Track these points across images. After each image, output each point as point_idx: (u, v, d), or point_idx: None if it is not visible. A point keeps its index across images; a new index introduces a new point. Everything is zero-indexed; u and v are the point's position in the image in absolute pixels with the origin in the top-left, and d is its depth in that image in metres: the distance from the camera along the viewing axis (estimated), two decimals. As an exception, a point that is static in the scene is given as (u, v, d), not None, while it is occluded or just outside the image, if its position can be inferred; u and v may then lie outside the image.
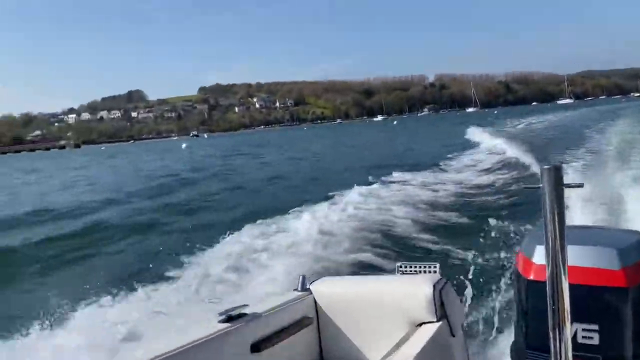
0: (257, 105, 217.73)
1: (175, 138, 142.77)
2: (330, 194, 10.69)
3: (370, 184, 11.76)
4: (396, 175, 12.94)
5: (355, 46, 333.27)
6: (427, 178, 12.43)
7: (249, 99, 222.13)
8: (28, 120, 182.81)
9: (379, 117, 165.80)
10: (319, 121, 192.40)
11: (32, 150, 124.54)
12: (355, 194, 10.19)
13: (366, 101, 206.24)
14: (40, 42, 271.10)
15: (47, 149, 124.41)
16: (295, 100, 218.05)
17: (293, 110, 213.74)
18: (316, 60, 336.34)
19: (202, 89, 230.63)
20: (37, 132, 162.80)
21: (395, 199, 9.72)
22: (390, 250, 6.46)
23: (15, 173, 36.94)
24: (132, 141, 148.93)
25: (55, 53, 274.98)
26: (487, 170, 13.67)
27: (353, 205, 8.99)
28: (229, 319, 1.89)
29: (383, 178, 12.49)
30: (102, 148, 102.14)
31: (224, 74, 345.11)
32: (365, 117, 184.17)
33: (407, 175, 12.81)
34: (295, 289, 2.37)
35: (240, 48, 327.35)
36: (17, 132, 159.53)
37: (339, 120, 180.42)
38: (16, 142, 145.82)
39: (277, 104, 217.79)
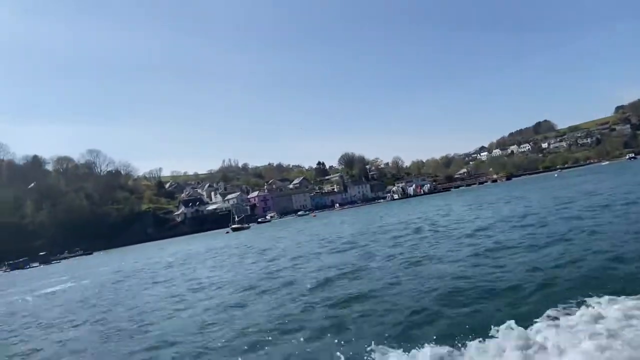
0: None
1: (606, 163, 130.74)
2: None
3: None
4: None
5: None
6: None
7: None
8: (448, 162, 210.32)
9: None
10: None
11: (468, 185, 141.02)
12: None
13: None
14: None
15: (481, 182, 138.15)
16: None
17: None
18: None
19: (620, 108, 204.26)
20: (463, 170, 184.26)
21: None
22: None
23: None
24: (559, 170, 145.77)
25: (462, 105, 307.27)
26: None
27: None
28: None
29: None
30: (556, 174, 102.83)
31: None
32: None
33: None
34: None
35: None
36: (446, 173, 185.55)
37: None
38: (448, 180, 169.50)
39: None
